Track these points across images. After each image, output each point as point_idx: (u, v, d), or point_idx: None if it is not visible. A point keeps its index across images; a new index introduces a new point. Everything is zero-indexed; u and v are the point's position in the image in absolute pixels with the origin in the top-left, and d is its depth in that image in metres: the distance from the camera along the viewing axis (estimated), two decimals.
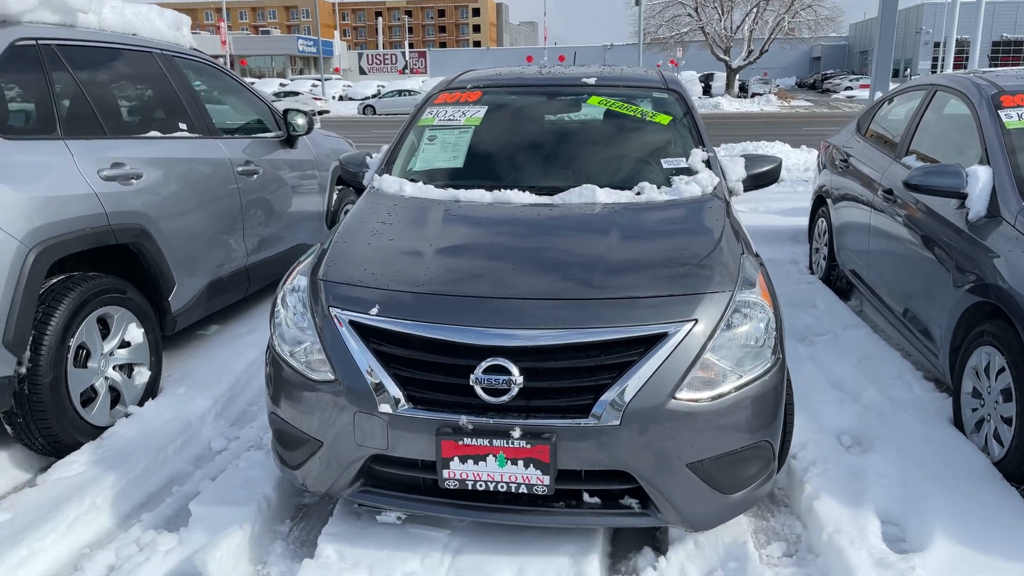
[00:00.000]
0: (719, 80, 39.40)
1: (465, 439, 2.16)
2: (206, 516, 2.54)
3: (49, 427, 2.91)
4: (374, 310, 2.32)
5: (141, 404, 3.38)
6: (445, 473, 2.21)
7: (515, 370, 2.15)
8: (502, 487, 2.20)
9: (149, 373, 3.42)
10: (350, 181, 3.59)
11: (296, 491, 2.85)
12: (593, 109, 3.49)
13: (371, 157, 3.57)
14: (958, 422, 3.15)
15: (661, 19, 38.61)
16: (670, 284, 2.34)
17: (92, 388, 3.14)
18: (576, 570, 2.29)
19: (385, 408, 2.23)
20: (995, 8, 41.18)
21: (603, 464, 2.18)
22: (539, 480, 2.17)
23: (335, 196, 5.54)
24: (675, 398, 2.17)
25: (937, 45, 46.84)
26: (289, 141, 4.94)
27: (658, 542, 2.49)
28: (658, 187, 3.02)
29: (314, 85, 47.23)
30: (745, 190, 3.28)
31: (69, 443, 2.99)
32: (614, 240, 2.58)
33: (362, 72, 68.99)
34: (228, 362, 3.89)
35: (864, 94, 40.61)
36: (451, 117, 3.51)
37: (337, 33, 74.54)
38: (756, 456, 2.31)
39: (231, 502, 2.60)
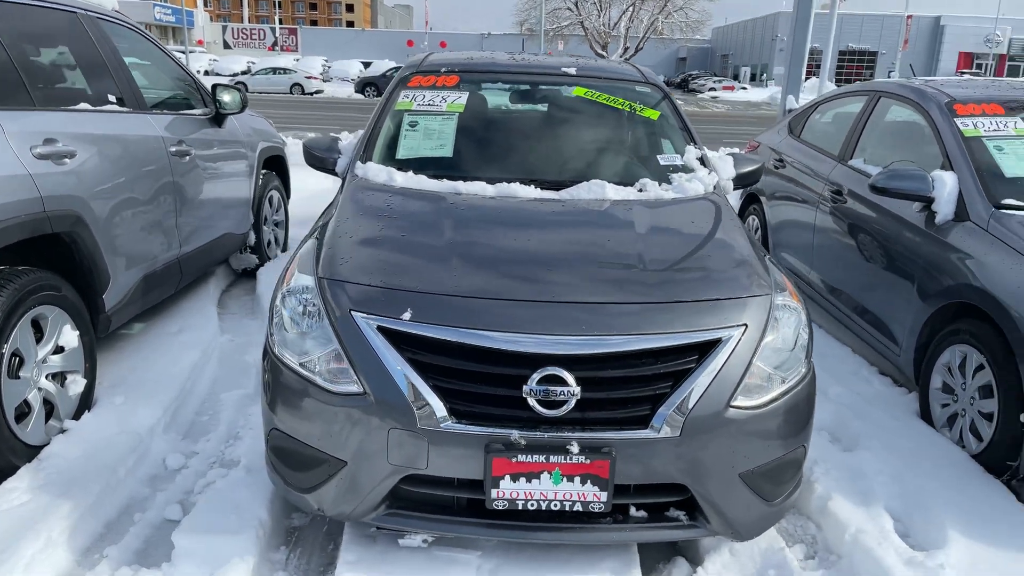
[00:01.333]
0: None
1: (519, 456, 2.00)
2: (196, 549, 2.23)
3: None
4: (406, 315, 2.10)
5: (77, 417, 2.95)
6: (494, 493, 2.03)
7: (572, 380, 2.01)
8: (555, 506, 2.05)
9: (84, 382, 2.98)
10: (315, 167, 3.28)
11: (286, 513, 2.57)
12: (580, 100, 3.37)
13: (341, 140, 3.29)
14: (926, 417, 3.30)
15: (542, 11, 38.98)
16: (717, 288, 2.27)
17: (25, 402, 2.69)
18: None
19: (426, 424, 2.02)
20: (843, 20, 44.45)
21: (659, 477, 2.08)
22: (595, 497, 2.04)
23: (260, 181, 5.12)
24: (731, 406, 2.10)
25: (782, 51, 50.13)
26: (217, 119, 4.50)
27: (689, 552, 2.42)
28: (659, 183, 2.95)
29: (251, 63, 44.38)
30: (734, 188, 3.27)
31: (3, 467, 2.55)
32: (644, 240, 2.48)
33: (227, 46, 65.24)
34: (166, 366, 3.48)
35: (728, 95, 42.87)
36: (431, 102, 3.29)
37: (200, 2, 69.99)
38: (794, 462, 2.29)
39: (223, 530, 2.29)
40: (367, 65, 45.01)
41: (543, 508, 2.05)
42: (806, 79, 9.89)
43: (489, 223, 2.57)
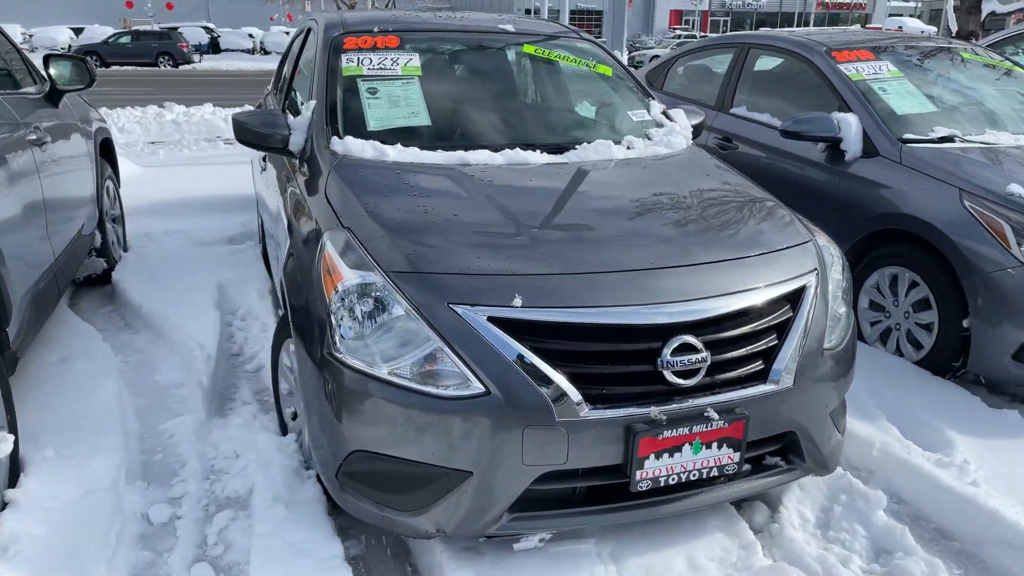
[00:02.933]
0: None
1: (664, 432, 1.91)
2: None
3: None
4: (517, 301, 1.89)
5: (13, 484, 2.31)
6: (638, 474, 1.93)
7: (701, 346, 1.95)
8: (693, 476, 2.00)
9: (12, 437, 2.33)
10: (253, 144, 2.81)
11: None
12: (534, 59, 3.22)
13: (287, 114, 2.85)
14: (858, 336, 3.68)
15: None
16: (781, 236, 2.31)
17: None
18: (738, 541, 2.21)
19: (565, 415, 1.85)
20: None
21: (777, 428, 2.11)
22: (730, 459, 2.02)
23: (99, 170, 4.30)
24: (825, 349, 2.17)
25: (528, 12, 52.26)
26: (52, 98, 3.68)
27: (763, 498, 2.48)
28: (642, 139, 2.93)
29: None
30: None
31: None
32: (689, 197, 2.45)
33: None
34: (83, 404, 2.84)
35: None
36: (381, 65, 2.95)
37: None
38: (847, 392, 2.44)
39: None
40: (79, 32, 39.41)
41: (682, 480, 1.99)
42: None
43: (534, 194, 2.38)
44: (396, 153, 2.57)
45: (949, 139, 3.58)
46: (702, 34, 50.49)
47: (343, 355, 1.95)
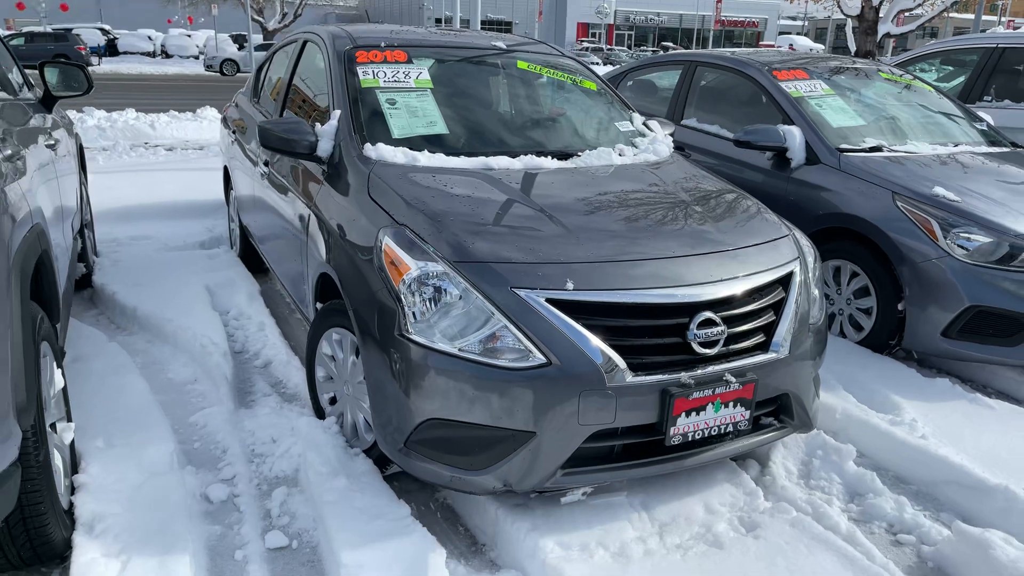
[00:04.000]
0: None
1: (694, 393, 2.26)
2: (367, 562, 2.10)
3: (46, 525, 1.99)
4: (570, 284, 2.21)
5: (75, 471, 2.44)
6: (672, 431, 2.27)
7: (719, 320, 2.32)
8: (714, 431, 2.36)
9: (72, 426, 2.46)
10: (279, 149, 3.00)
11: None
12: (530, 74, 3.55)
13: (318, 124, 3.06)
14: None
15: None
16: (770, 229, 2.72)
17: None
18: (743, 489, 2.59)
19: (614, 381, 2.18)
20: None
21: (776, 390, 2.50)
22: (742, 416, 2.39)
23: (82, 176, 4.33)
24: (810, 323, 2.59)
25: (439, 21, 52.53)
26: (47, 103, 3.73)
27: (753, 455, 2.88)
28: (631, 148, 3.30)
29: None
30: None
31: (58, 544, 2.08)
32: (688, 196, 2.83)
33: None
34: (114, 397, 2.97)
35: None
36: (395, 78, 3.20)
37: None
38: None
39: (387, 536, 2.19)
40: None
41: (706, 436, 2.35)
42: None
43: (561, 194, 2.68)
44: (425, 159, 2.83)
45: (878, 148, 4.12)
46: (608, 47, 52.11)
47: (415, 335, 2.21)
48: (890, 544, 2.46)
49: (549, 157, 2.99)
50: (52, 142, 3.18)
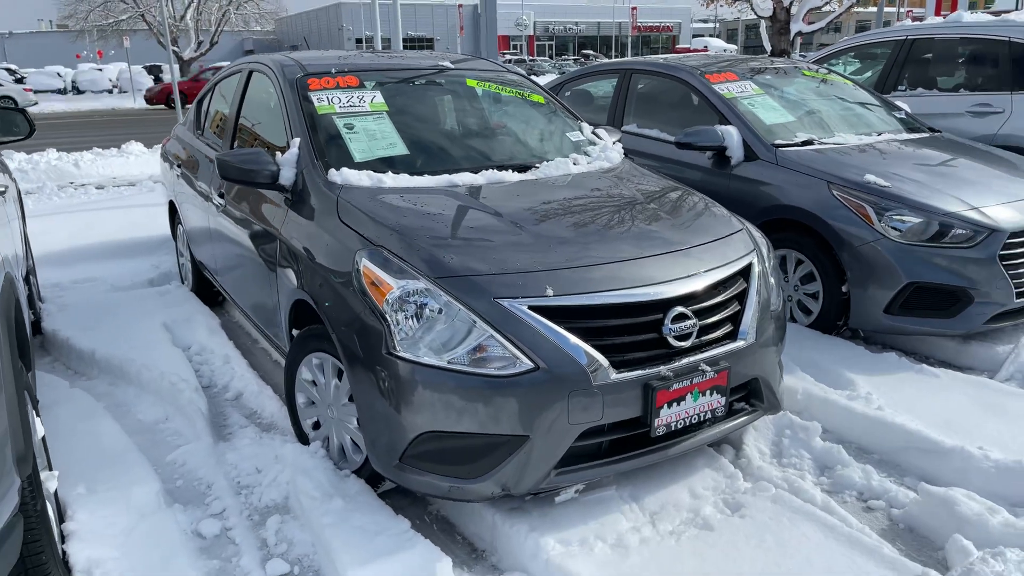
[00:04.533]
0: (169, 72, 37.12)
1: (673, 385, 2.38)
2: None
3: (47, 575, 1.96)
4: (549, 291, 2.30)
5: (62, 520, 2.40)
6: (656, 422, 2.38)
7: (691, 313, 2.44)
8: (694, 419, 2.48)
9: (57, 474, 2.42)
10: (238, 180, 3.01)
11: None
12: (480, 91, 3.64)
13: (278, 153, 3.07)
14: None
15: (91, 3, 34.48)
16: (726, 225, 2.86)
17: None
18: (723, 473, 2.72)
19: (599, 379, 2.27)
20: (401, 9, 47.76)
21: (746, 376, 2.63)
22: (718, 403, 2.52)
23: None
24: (771, 311, 2.74)
25: (359, 41, 52.31)
26: None
27: (727, 439, 3.01)
28: (585, 156, 3.43)
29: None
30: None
31: None
32: (643, 198, 2.96)
33: None
34: (90, 443, 2.91)
35: None
36: (350, 103, 3.25)
37: None
38: None
39: (391, 552, 2.22)
40: None
41: (687, 424, 2.46)
42: None
43: (527, 205, 2.77)
44: (391, 180, 2.89)
45: (809, 142, 4.36)
46: (530, 58, 52.78)
47: (403, 352, 2.26)
48: (862, 510, 2.62)
49: (509, 170, 3.08)
50: (2, 188, 3.11)
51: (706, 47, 52.99)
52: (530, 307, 2.27)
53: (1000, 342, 3.80)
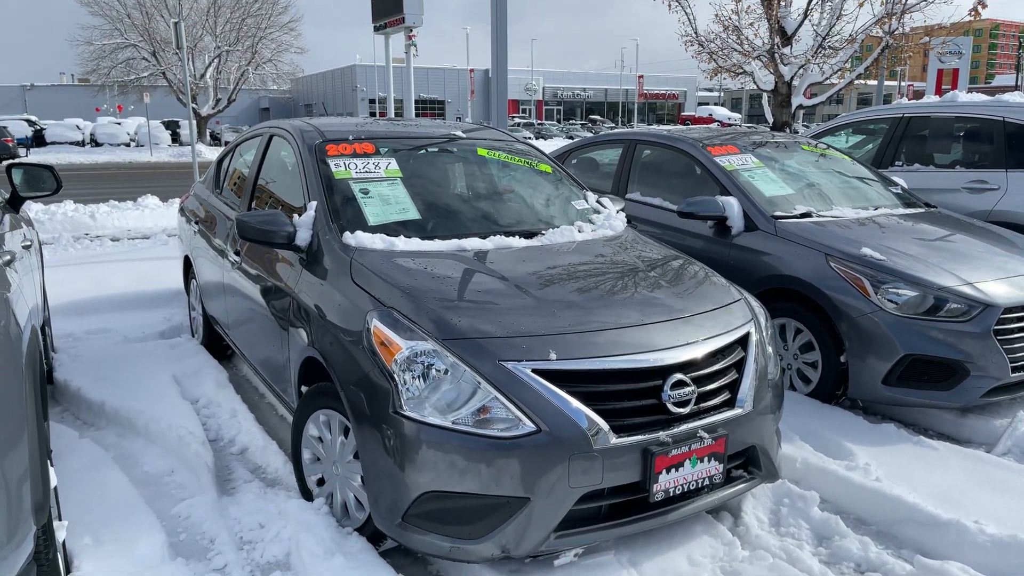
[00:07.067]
0: (186, 128, 38.09)
1: (672, 450, 2.43)
2: None
3: None
4: (552, 355, 2.38)
5: (68, 572, 2.44)
6: (655, 487, 2.43)
7: (690, 380, 2.52)
8: (692, 486, 2.52)
9: (66, 524, 2.47)
10: (256, 240, 3.13)
11: None
12: (489, 160, 3.79)
13: (295, 215, 3.20)
14: None
15: (113, 60, 35.59)
16: (724, 294, 2.96)
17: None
18: (721, 540, 2.75)
19: (600, 444, 2.33)
20: (414, 72, 49.12)
21: (744, 444, 2.69)
22: (716, 470, 2.57)
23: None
24: (769, 378, 2.81)
25: (372, 101, 53.65)
26: (15, 204, 3.78)
27: (725, 507, 3.04)
28: (589, 224, 3.55)
29: None
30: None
31: None
32: (645, 267, 3.06)
33: None
34: (97, 494, 2.96)
35: None
36: (367, 169, 3.40)
37: None
38: None
39: None
40: None
41: (686, 490, 2.51)
42: None
43: (533, 271, 2.88)
44: (403, 243, 3.00)
45: (808, 214, 4.49)
46: (539, 122, 53.96)
47: (409, 412, 2.33)
48: None
49: (516, 236, 3.19)
50: (28, 243, 3.23)
51: (711, 115, 54.16)
52: (533, 370, 2.35)
53: (997, 416, 3.85)
